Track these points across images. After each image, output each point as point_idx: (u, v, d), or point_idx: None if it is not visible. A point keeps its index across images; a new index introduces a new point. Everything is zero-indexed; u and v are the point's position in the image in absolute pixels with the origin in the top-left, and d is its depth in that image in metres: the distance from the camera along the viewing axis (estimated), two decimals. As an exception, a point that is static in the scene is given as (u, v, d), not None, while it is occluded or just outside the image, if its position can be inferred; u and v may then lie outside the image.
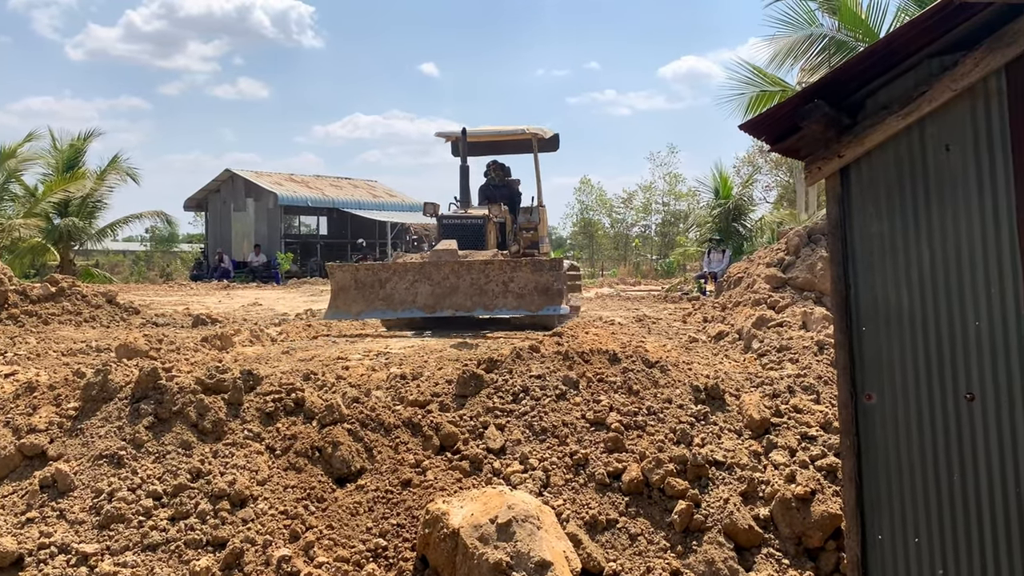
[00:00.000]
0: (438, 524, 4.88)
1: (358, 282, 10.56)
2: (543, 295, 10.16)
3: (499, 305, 10.41)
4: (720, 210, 22.49)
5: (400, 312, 10.43)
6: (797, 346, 8.22)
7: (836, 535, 5.46)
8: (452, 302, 10.40)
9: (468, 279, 10.48)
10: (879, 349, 3.45)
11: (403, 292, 10.50)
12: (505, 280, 10.48)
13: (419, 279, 10.47)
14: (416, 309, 10.45)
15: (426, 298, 10.42)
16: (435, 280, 10.46)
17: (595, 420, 6.05)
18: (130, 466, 5.34)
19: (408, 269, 10.49)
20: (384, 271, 10.62)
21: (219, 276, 29.27)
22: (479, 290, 10.49)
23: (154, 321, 13.18)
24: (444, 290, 10.47)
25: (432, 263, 10.51)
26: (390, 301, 10.53)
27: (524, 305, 10.34)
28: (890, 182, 3.43)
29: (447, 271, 10.44)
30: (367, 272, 10.63)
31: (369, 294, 10.53)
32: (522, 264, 10.57)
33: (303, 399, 5.95)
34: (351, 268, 10.77)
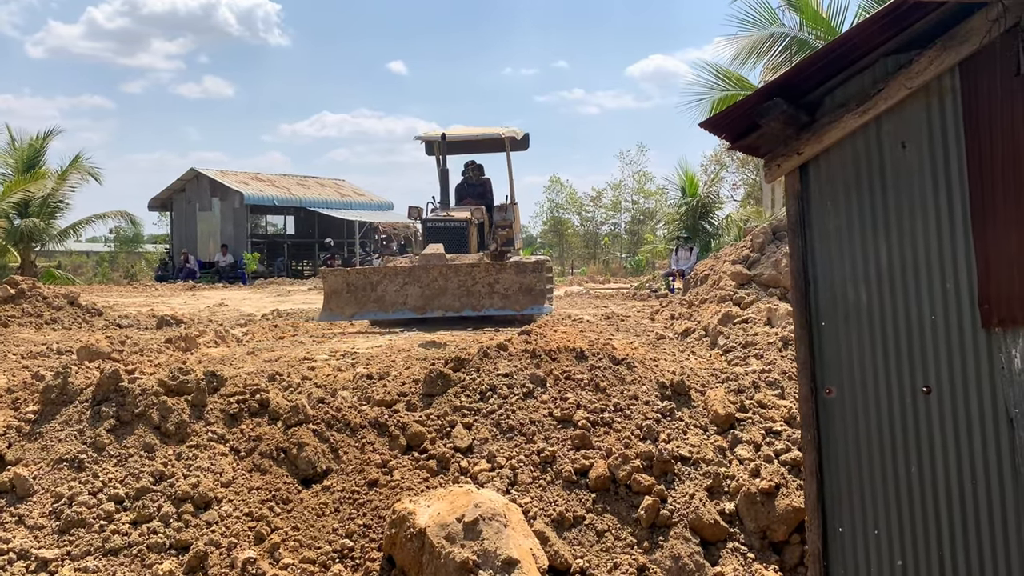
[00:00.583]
0: (405, 524, 4.86)
1: (350, 285, 10.92)
2: (527, 295, 10.73)
3: (486, 305, 10.86)
4: (687, 208, 22.65)
5: (392, 313, 10.86)
6: (762, 342, 8.30)
7: (800, 529, 5.51)
8: (441, 303, 10.86)
9: (456, 281, 10.91)
10: (838, 344, 3.50)
11: (394, 294, 10.91)
12: (491, 282, 10.93)
13: (409, 282, 10.89)
14: (407, 310, 10.88)
15: (416, 299, 10.86)
16: (424, 283, 10.89)
17: (562, 418, 6.07)
18: (91, 470, 5.26)
19: (398, 272, 10.93)
20: (375, 274, 11.04)
21: (184, 277, 28.94)
22: (466, 291, 10.94)
23: (117, 323, 12.99)
24: (433, 292, 10.91)
25: (421, 266, 10.96)
26: (382, 303, 10.95)
27: (509, 305, 10.83)
28: (848, 179, 3.48)
29: (435, 274, 10.86)
30: (359, 276, 11.03)
31: (361, 296, 10.91)
32: (507, 266, 11.12)
33: (268, 400, 5.90)
34: (343, 272, 11.20)
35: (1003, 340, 3.18)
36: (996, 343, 3.20)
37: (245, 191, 31.01)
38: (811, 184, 3.57)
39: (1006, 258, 3.16)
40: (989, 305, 3.20)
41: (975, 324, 3.24)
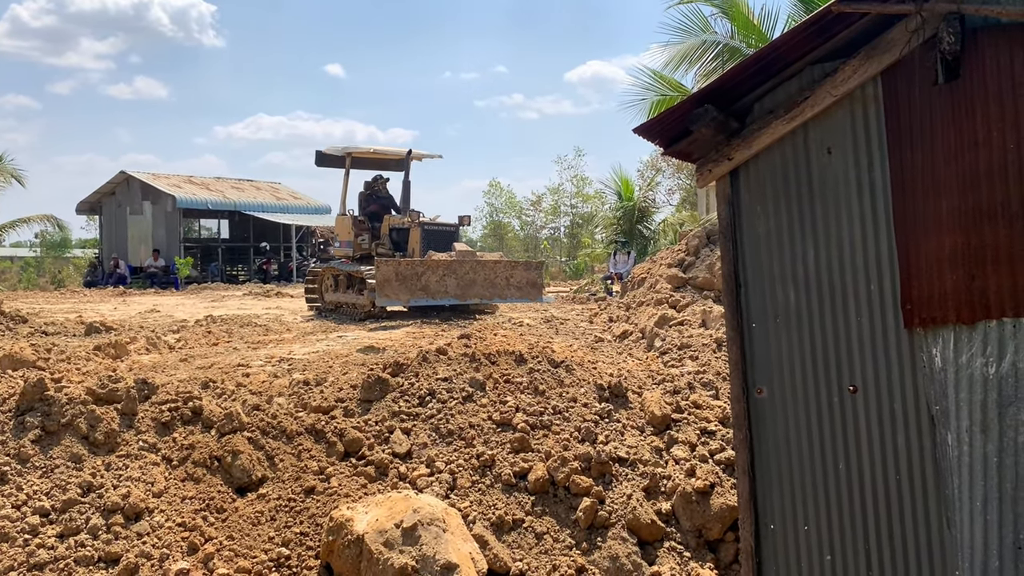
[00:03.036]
0: (342, 531, 4.81)
1: (399, 275, 12.39)
2: (532, 287, 13.17)
3: (506, 295, 13.16)
4: (624, 212, 22.89)
5: (439, 300, 12.58)
6: (697, 343, 8.44)
7: (735, 527, 5.62)
8: (475, 292, 12.87)
9: (483, 274, 12.94)
10: (768, 345, 3.58)
11: (436, 284, 12.62)
12: (508, 276, 13.15)
13: (447, 274, 12.69)
14: (450, 298, 12.69)
15: (455, 288, 12.70)
16: (459, 275, 12.80)
17: (501, 421, 6.08)
18: (15, 482, 5.08)
19: (439, 265, 12.71)
20: (420, 266, 12.69)
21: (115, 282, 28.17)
22: (490, 283, 13.01)
23: (43, 330, 12.56)
24: (466, 283, 12.82)
25: (457, 261, 12.91)
26: (427, 290, 12.61)
27: (523, 295, 13.23)
28: (776, 183, 3.57)
29: (467, 268, 12.83)
30: (407, 267, 12.61)
31: (411, 285, 12.43)
32: (519, 264, 13.62)
33: (201, 408, 5.78)
34: (393, 263, 12.65)
35: (924, 340, 3.30)
36: (918, 343, 3.32)
37: (178, 194, 30.32)
38: (741, 189, 3.65)
39: (926, 260, 3.27)
40: (911, 306, 3.31)
41: (898, 324, 3.35)
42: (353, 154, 15.51)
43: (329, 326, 13.63)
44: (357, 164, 15.77)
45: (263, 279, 30.22)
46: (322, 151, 15.81)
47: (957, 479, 3.23)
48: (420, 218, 14.30)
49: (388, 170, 16.07)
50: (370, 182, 15.86)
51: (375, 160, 15.99)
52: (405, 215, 14.72)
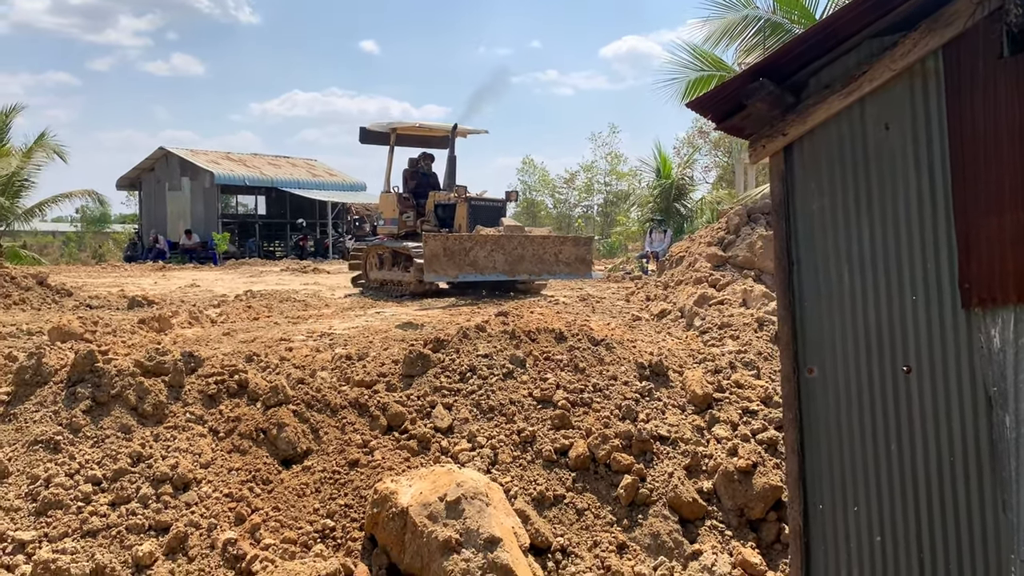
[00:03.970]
0: (387, 503, 4.86)
1: (447, 250, 12.22)
2: (582, 263, 12.98)
3: (555, 271, 12.89)
4: (661, 190, 22.70)
5: (487, 275, 12.42)
6: (738, 323, 8.37)
7: (777, 506, 5.60)
8: (523, 268, 12.69)
9: (531, 250, 12.75)
10: (820, 324, 3.53)
11: (484, 259, 12.45)
12: (556, 252, 12.90)
13: (496, 249, 12.50)
14: (498, 273, 12.51)
15: (503, 264, 12.55)
16: (507, 250, 12.63)
17: (542, 398, 6.09)
18: (67, 451, 5.20)
19: (487, 240, 12.49)
20: (468, 241, 12.46)
21: (154, 257, 28.59)
22: (539, 259, 12.82)
23: (88, 303, 12.81)
24: (514, 258, 12.65)
25: (505, 236, 12.67)
26: (476, 266, 12.46)
27: (571, 271, 12.97)
28: (832, 160, 3.50)
29: (516, 243, 12.66)
30: (455, 241, 12.39)
31: (459, 260, 12.27)
32: (568, 239, 13.35)
33: (247, 381, 5.85)
34: (441, 238, 12.43)
35: (982, 320, 3.23)
36: (976, 323, 3.25)
37: (216, 171, 30.64)
38: (795, 165, 3.59)
39: (986, 238, 3.20)
40: (969, 285, 3.24)
41: (955, 304, 3.29)
42: (398, 130, 15.24)
43: (367, 302, 13.73)
44: (402, 141, 15.50)
45: (299, 255, 30.49)
46: (366, 128, 15.49)
47: (1014, 461, 3.17)
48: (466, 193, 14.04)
49: (432, 147, 15.79)
50: (415, 159, 15.67)
51: (420, 136, 15.69)
52: (451, 191, 14.45)
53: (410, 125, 15.45)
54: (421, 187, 15.20)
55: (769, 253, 11.00)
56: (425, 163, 15.62)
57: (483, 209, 13.98)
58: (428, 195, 14.91)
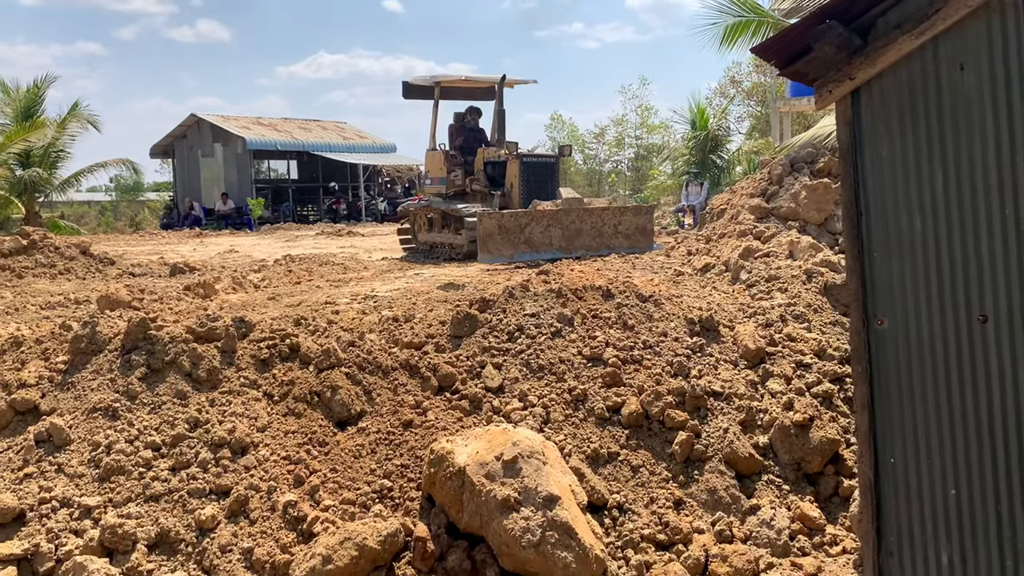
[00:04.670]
0: (443, 463, 4.87)
1: (502, 228, 11.67)
2: (643, 234, 12.28)
3: (614, 245, 12.13)
4: (696, 142, 22.37)
5: (543, 253, 11.74)
6: (786, 275, 8.23)
7: (835, 460, 5.54)
8: (580, 243, 12.01)
9: (589, 223, 12.10)
10: (891, 274, 3.43)
11: (539, 236, 11.86)
12: (615, 223, 12.23)
13: (552, 224, 11.89)
14: (555, 251, 11.83)
15: (559, 240, 11.95)
16: (564, 224, 11.98)
17: (592, 356, 6.04)
18: (125, 418, 5.26)
19: (543, 215, 11.91)
20: (524, 217, 11.85)
21: (190, 224, 28.83)
22: (598, 232, 12.18)
23: (131, 271, 12.96)
24: (571, 233, 12.03)
25: (563, 210, 12.03)
26: (531, 243, 11.87)
27: (632, 244, 12.20)
28: (902, 104, 3.37)
29: (574, 216, 12.01)
30: (510, 219, 11.82)
31: (514, 238, 11.74)
32: (628, 209, 12.69)
33: (298, 344, 5.87)
34: (496, 216, 11.89)
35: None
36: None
37: (247, 136, 30.70)
38: (863, 110, 3.46)
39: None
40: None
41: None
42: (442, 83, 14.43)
43: (404, 264, 13.74)
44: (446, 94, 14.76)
45: (333, 219, 30.58)
46: (409, 82, 14.75)
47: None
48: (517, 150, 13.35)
49: (478, 99, 15.07)
50: (461, 114, 14.94)
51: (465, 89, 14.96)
52: (501, 147, 13.75)
53: (455, 78, 14.61)
54: (468, 143, 14.45)
55: (814, 204, 10.78)
56: (472, 117, 14.83)
57: (535, 167, 13.30)
58: (476, 152, 14.18)
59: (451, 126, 14.84)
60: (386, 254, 16.33)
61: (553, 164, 13.65)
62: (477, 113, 14.87)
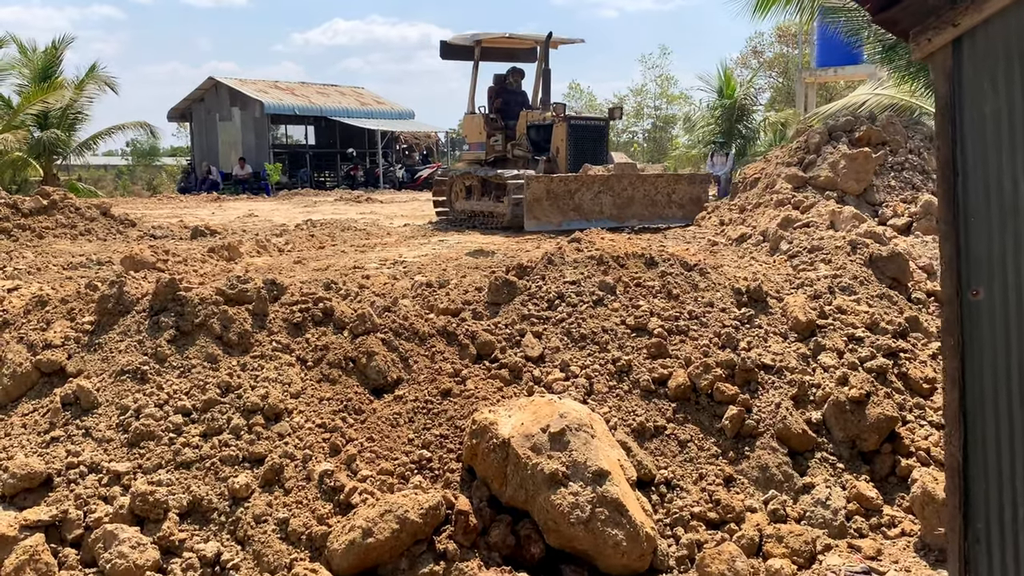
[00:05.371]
0: (486, 434, 4.66)
1: (550, 193, 11.10)
2: (697, 205, 11.36)
3: (667, 215, 11.51)
4: (722, 111, 21.93)
5: (593, 221, 10.99)
6: (829, 246, 7.92)
7: (891, 438, 5.30)
8: (632, 212, 11.41)
9: (642, 191, 11.48)
10: (990, 241, 3.16)
11: (589, 203, 11.24)
12: (669, 192, 11.63)
13: (603, 191, 11.27)
14: (605, 219, 11.22)
15: (611, 208, 11.35)
16: (616, 191, 11.36)
17: (636, 326, 5.80)
18: (155, 381, 5.07)
19: (594, 181, 11.21)
20: (574, 183, 11.22)
21: (208, 188, 28.69)
22: (651, 201, 11.53)
23: (152, 233, 12.80)
24: (623, 201, 11.40)
25: (615, 176, 11.39)
26: (580, 211, 11.27)
27: (685, 214, 11.44)
28: (1010, 53, 3.08)
29: (626, 183, 11.38)
30: (559, 183, 11.18)
31: (563, 205, 11.17)
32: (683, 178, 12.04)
33: (332, 309, 5.65)
34: (545, 179, 11.23)
35: None
36: None
37: (265, 100, 30.43)
38: (965, 61, 3.17)
39: None
40: None
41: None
42: (483, 42, 13.62)
43: (428, 231, 13.51)
44: (486, 55, 14.00)
45: (351, 185, 30.36)
46: (447, 41, 14.02)
47: None
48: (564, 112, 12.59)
49: (520, 61, 14.34)
50: (502, 75, 14.19)
51: (506, 49, 14.17)
52: (546, 109, 13.04)
53: (497, 36, 13.80)
54: (509, 106, 13.73)
55: (853, 173, 10.46)
56: (514, 79, 14.06)
57: (584, 129, 12.52)
58: (518, 115, 13.47)
59: (491, 88, 14.12)
60: (407, 221, 16.11)
61: (603, 127, 12.92)
62: (519, 74, 14.13)
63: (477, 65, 13.89)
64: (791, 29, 36.45)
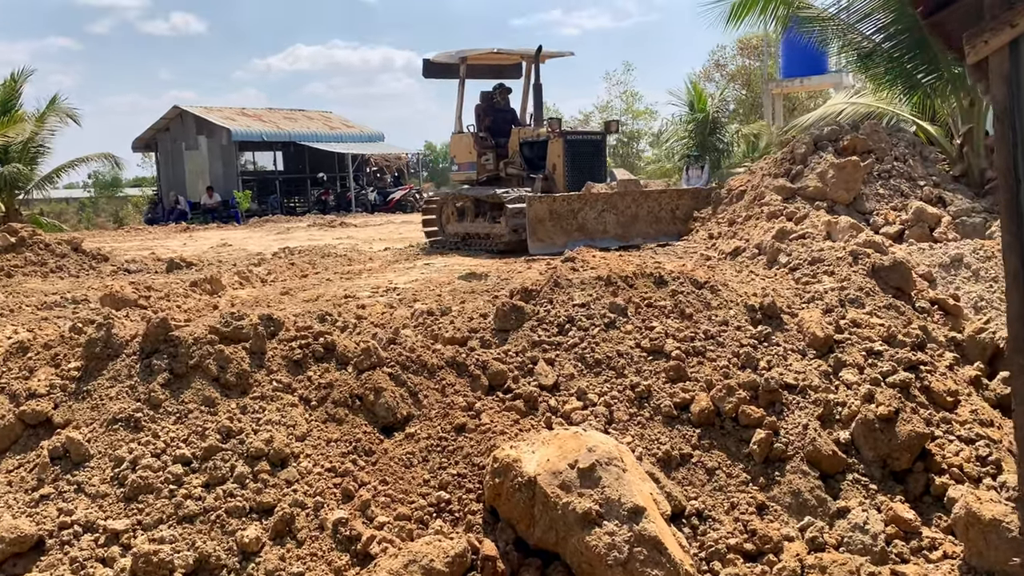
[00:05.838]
0: (510, 473, 4.39)
1: (553, 213, 10.72)
2: None
3: (671, 232, 11.05)
4: (695, 124, 21.94)
5: (598, 241, 10.70)
6: (830, 257, 7.78)
7: (923, 456, 5.12)
8: (637, 230, 10.98)
9: (646, 207, 11.11)
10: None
11: (593, 222, 10.86)
12: (672, 208, 11.24)
13: (606, 208, 10.93)
14: (610, 238, 10.89)
15: (615, 227, 10.94)
16: (619, 209, 10.98)
17: (652, 348, 5.58)
18: (150, 429, 4.75)
19: (597, 199, 10.85)
20: (577, 202, 10.83)
21: (176, 218, 28.15)
22: (655, 218, 11.16)
23: (126, 268, 12.38)
24: (627, 219, 11.04)
25: (618, 193, 10.99)
26: (584, 230, 10.82)
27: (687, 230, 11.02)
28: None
29: (629, 200, 10.99)
30: (562, 202, 10.80)
31: (566, 225, 10.76)
32: (686, 193, 11.60)
33: (333, 343, 5.37)
34: (547, 199, 10.85)
35: None
36: None
37: (232, 127, 29.99)
38: (1022, 63, 3.01)
39: None
40: None
41: None
42: (469, 59, 13.16)
43: (412, 254, 13.23)
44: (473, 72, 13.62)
45: (322, 210, 29.97)
46: (430, 59, 13.58)
47: None
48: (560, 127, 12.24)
49: (506, 77, 14.01)
50: (489, 93, 13.85)
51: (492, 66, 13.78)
52: (539, 125, 12.74)
53: (484, 52, 13.37)
54: (499, 124, 13.40)
55: (842, 183, 10.37)
56: (501, 97, 13.74)
57: (581, 144, 12.16)
58: (509, 132, 13.10)
59: (478, 106, 13.74)
60: (387, 244, 15.83)
61: (600, 142, 12.61)
62: (507, 91, 13.82)
63: (463, 83, 13.49)
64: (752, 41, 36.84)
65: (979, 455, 5.18)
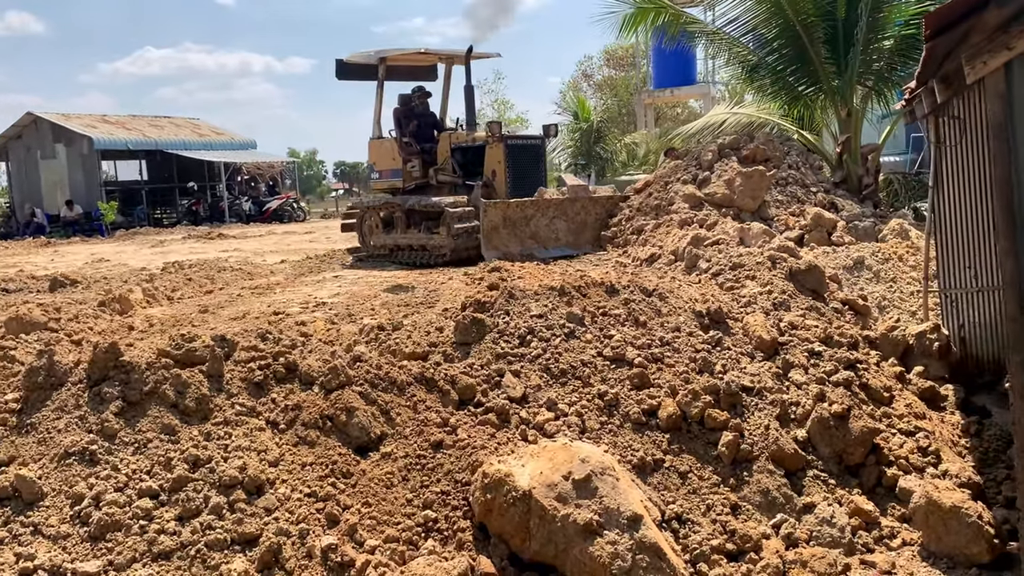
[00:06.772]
0: (502, 488, 4.36)
1: (507, 219, 10.32)
2: None
3: None
4: (581, 134, 22.41)
5: (551, 250, 10.41)
6: (750, 263, 8.12)
7: (874, 450, 5.41)
8: (586, 237, 10.60)
9: (594, 214, 10.77)
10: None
11: (545, 229, 10.50)
12: None
13: (557, 215, 10.58)
14: (563, 247, 10.51)
15: (566, 235, 10.59)
16: (570, 215, 10.61)
17: (614, 357, 5.67)
18: (108, 462, 4.43)
19: (549, 205, 10.50)
20: (530, 207, 10.46)
21: (32, 232, 26.28)
22: (604, 225, 10.78)
23: (4, 287, 11.43)
24: (576, 226, 10.68)
25: (569, 199, 10.64)
26: (537, 238, 10.46)
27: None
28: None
29: (579, 207, 10.66)
30: (516, 209, 10.39)
31: (519, 232, 10.36)
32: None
33: (295, 363, 5.17)
34: (502, 205, 10.43)
35: None
36: None
37: (94, 135, 28.28)
38: (1015, 81, 3.26)
39: None
40: None
41: None
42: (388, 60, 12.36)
43: (313, 266, 12.85)
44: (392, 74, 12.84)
45: (193, 221, 28.69)
46: (344, 60, 12.72)
47: None
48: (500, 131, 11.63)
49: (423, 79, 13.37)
50: (407, 96, 13.11)
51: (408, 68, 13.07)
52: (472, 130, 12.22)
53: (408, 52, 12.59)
54: (422, 129, 12.69)
55: (749, 191, 10.82)
56: (420, 101, 12.99)
57: (522, 150, 11.62)
58: (436, 138, 12.47)
59: (397, 110, 12.92)
60: (281, 257, 15.33)
61: (540, 146, 12.13)
62: (426, 95, 13.15)
63: (382, 85, 12.71)
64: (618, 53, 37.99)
65: (920, 446, 5.52)
